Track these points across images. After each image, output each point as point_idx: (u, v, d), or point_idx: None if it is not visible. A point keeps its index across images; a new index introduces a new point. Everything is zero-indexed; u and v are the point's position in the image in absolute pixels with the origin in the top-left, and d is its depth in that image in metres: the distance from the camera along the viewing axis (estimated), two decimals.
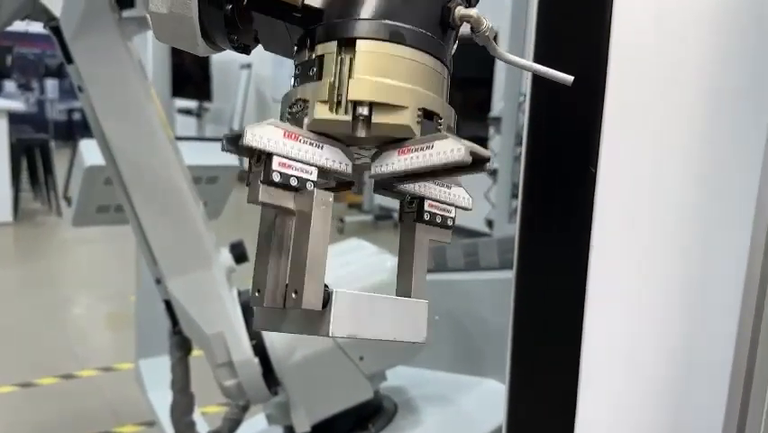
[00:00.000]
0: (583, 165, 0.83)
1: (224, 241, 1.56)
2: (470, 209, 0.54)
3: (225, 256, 1.52)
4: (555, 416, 0.98)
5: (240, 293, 1.50)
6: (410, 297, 0.52)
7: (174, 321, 1.52)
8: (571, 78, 0.48)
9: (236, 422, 1.68)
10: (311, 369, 1.49)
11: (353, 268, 1.63)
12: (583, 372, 0.92)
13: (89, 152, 1.86)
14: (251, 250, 1.65)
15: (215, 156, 2.25)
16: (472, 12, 0.50)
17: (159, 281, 1.51)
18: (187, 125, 9.44)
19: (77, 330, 4.11)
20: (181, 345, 1.55)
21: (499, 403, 1.14)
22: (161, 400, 2.06)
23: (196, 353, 1.57)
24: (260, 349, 1.44)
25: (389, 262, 1.61)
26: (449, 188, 0.54)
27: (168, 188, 1.43)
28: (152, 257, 1.46)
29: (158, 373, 2.21)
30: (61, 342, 3.85)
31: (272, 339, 1.46)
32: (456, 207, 0.54)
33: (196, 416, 1.64)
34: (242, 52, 0.53)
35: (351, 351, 1.53)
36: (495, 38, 0.53)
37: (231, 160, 2.30)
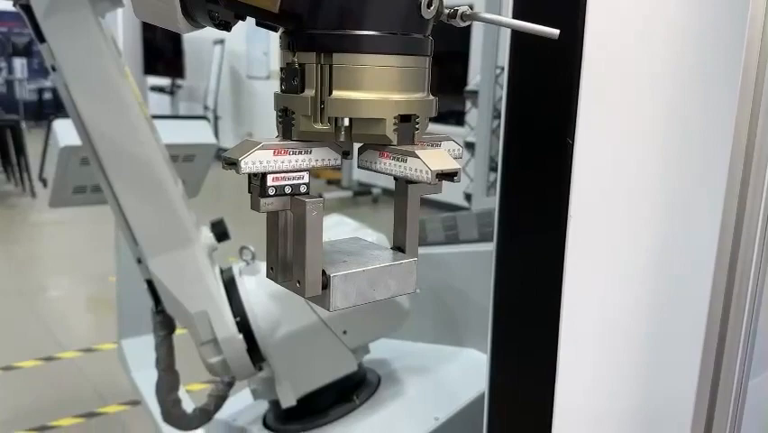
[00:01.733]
0: (561, 137, 0.84)
1: (203, 219, 1.56)
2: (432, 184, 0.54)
3: (206, 234, 1.52)
4: (536, 383, 1.01)
5: (222, 271, 1.50)
6: (404, 247, 0.59)
7: (156, 300, 1.52)
8: (556, 32, 0.49)
9: (222, 398, 1.69)
10: (295, 344, 1.50)
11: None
12: (562, 340, 0.94)
13: (64, 132, 1.84)
14: (232, 227, 1.64)
15: (192, 134, 2.23)
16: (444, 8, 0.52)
17: (140, 261, 1.50)
18: (159, 103, 9.31)
19: (56, 313, 4.08)
20: (165, 323, 1.55)
21: (480, 372, 1.16)
22: (146, 379, 2.07)
23: (180, 331, 1.57)
24: (244, 326, 1.45)
25: (371, 237, 1.62)
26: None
27: (145, 167, 1.42)
28: (133, 237, 1.46)
29: (141, 352, 2.22)
30: (41, 325, 3.82)
31: (256, 315, 1.46)
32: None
33: (182, 393, 1.65)
34: (222, 29, 0.53)
35: (334, 325, 1.55)
36: (471, 6, 0.54)
37: (208, 138, 2.28)
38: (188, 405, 1.70)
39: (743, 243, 0.87)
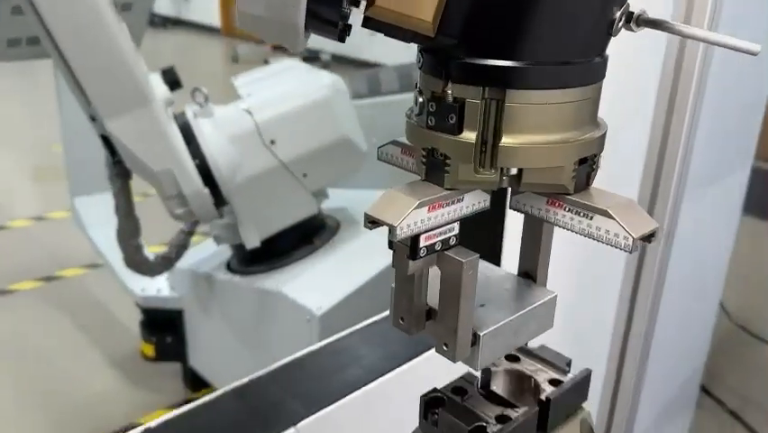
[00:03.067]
0: None
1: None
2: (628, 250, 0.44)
3: (161, 88, 1.46)
4: (486, 226, 1.07)
5: (176, 117, 1.47)
6: (534, 274, 0.53)
7: (112, 152, 1.49)
8: (758, 48, 0.42)
9: (183, 247, 1.73)
10: (257, 187, 1.52)
11: (289, 86, 1.62)
12: None
13: None
14: (183, 76, 1.56)
15: None
16: (648, 17, 0.42)
17: (93, 119, 1.44)
18: None
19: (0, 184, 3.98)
20: (121, 173, 1.53)
21: None
22: (102, 235, 2.08)
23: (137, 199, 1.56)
24: (203, 169, 1.45)
25: (327, 78, 1.61)
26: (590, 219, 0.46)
27: (88, 13, 1.31)
28: (84, 96, 1.38)
29: (94, 210, 2.21)
30: None
31: (216, 160, 1.46)
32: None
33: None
34: (342, 40, 0.43)
35: (295, 168, 1.57)
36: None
37: None
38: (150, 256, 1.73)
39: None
